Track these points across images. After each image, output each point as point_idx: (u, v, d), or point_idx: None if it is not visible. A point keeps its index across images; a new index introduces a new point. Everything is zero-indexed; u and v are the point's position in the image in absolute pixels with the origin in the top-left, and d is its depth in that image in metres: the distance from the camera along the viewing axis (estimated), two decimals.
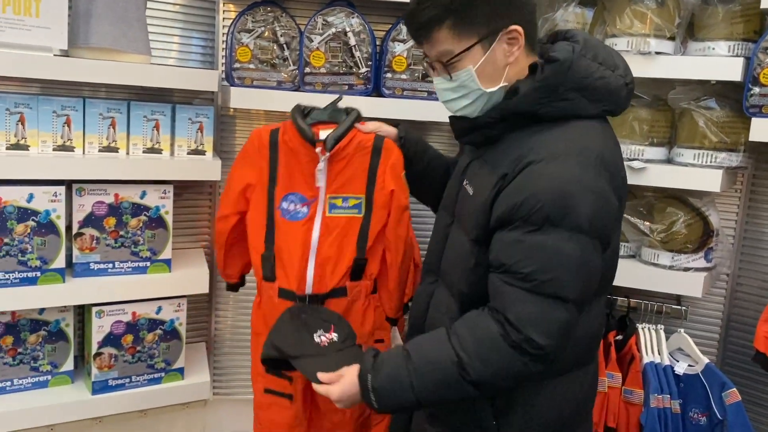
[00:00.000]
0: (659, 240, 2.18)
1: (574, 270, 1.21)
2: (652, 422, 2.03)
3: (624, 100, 1.37)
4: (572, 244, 1.20)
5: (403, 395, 1.28)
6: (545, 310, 1.21)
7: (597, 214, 1.22)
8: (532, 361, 1.22)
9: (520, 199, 1.22)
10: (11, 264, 1.98)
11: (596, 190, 1.22)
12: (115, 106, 2.13)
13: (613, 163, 1.28)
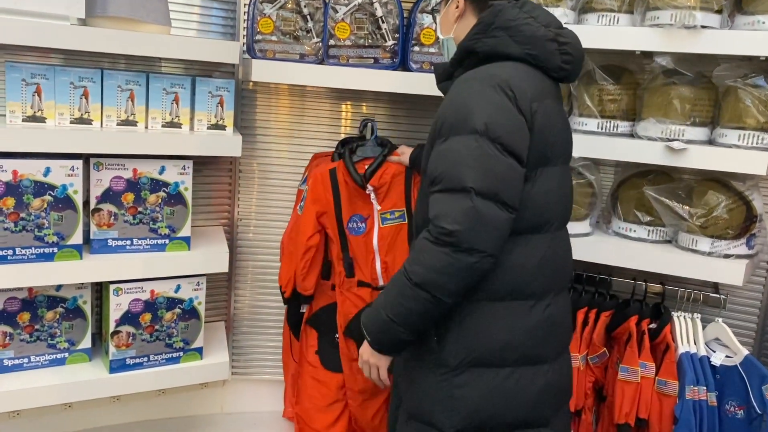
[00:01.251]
0: (698, 225, 2.08)
1: (471, 162, 1.38)
2: (687, 415, 1.95)
3: (552, 54, 1.51)
4: (469, 142, 1.39)
5: (378, 318, 1.49)
6: (451, 202, 1.38)
7: (493, 119, 1.39)
8: (453, 250, 1.37)
9: (437, 122, 1.47)
10: (28, 239, 1.94)
11: (493, 101, 1.41)
12: (134, 78, 2.06)
13: (522, 91, 1.43)
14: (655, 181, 2.21)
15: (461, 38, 1.57)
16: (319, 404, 2.28)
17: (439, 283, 1.40)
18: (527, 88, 1.45)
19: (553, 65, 1.52)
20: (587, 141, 2.15)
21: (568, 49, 1.53)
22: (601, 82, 2.18)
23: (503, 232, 1.40)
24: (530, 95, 1.45)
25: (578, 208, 2.19)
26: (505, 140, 1.39)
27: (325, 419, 2.27)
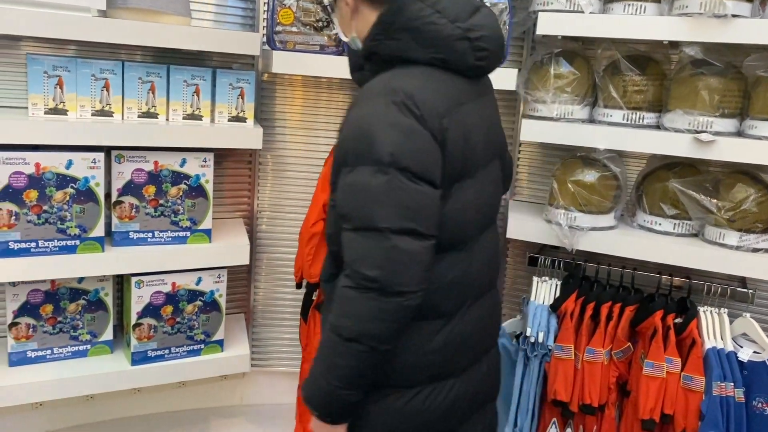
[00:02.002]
0: (726, 218, 2.04)
1: (382, 198, 1.25)
2: (713, 411, 1.92)
3: (463, 54, 1.34)
4: (377, 176, 1.24)
5: (320, 389, 1.32)
6: (367, 243, 1.26)
7: (399, 147, 1.24)
8: (380, 295, 1.25)
9: (341, 146, 1.32)
10: (51, 232, 1.94)
11: (398, 125, 1.26)
12: (155, 70, 2.05)
13: (430, 107, 1.28)
14: (682, 174, 2.17)
15: (364, 34, 1.40)
16: None
17: (373, 332, 1.27)
18: (436, 102, 1.29)
19: (466, 65, 1.36)
20: (612, 133, 2.12)
21: (482, 43, 1.35)
22: (626, 73, 2.14)
23: (427, 263, 1.29)
24: (440, 110, 1.29)
25: (603, 201, 2.16)
26: (415, 168, 1.25)
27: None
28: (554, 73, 2.19)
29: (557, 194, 2.19)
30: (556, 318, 2.13)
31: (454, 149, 1.32)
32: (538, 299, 2.18)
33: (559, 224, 2.16)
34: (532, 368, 2.13)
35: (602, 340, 2.07)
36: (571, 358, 2.06)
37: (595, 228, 2.16)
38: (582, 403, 2.06)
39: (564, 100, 2.18)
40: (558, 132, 2.17)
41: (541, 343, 2.09)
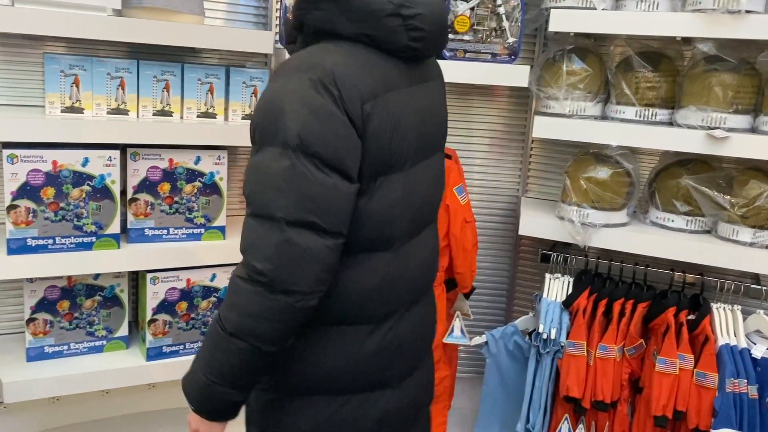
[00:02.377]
0: (739, 215, 2.04)
1: (281, 185, 1.13)
2: (726, 408, 1.91)
3: (394, 32, 1.20)
4: (281, 160, 1.12)
5: (198, 382, 1.23)
6: (261, 232, 1.14)
7: (309, 129, 1.12)
8: (268, 291, 1.14)
9: (251, 122, 1.20)
10: (67, 229, 1.96)
11: (311, 105, 1.12)
12: (170, 69, 2.07)
13: (350, 88, 1.14)
14: (695, 170, 2.16)
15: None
16: None
17: (257, 330, 1.16)
18: (360, 84, 1.16)
19: (398, 45, 1.22)
20: (624, 129, 2.12)
21: (418, 22, 1.21)
22: (639, 69, 2.14)
23: (327, 264, 1.16)
24: (364, 92, 1.16)
25: (615, 198, 2.16)
26: (325, 155, 1.13)
27: None
28: (566, 70, 2.19)
29: (570, 191, 2.19)
30: (569, 315, 2.13)
31: (379, 138, 1.19)
32: (550, 296, 2.19)
33: (571, 221, 2.17)
34: (544, 365, 2.13)
35: (615, 337, 2.07)
36: (584, 354, 2.06)
37: (607, 225, 2.16)
38: (594, 400, 2.06)
39: (576, 97, 2.18)
40: (570, 129, 2.17)
41: (554, 339, 2.10)
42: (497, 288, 2.68)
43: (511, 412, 2.27)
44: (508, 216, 2.63)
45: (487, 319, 2.66)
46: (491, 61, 2.23)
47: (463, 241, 2.17)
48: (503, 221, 2.64)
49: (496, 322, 2.63)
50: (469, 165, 2.56)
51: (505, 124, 2.58)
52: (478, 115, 2.57)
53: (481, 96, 2.55)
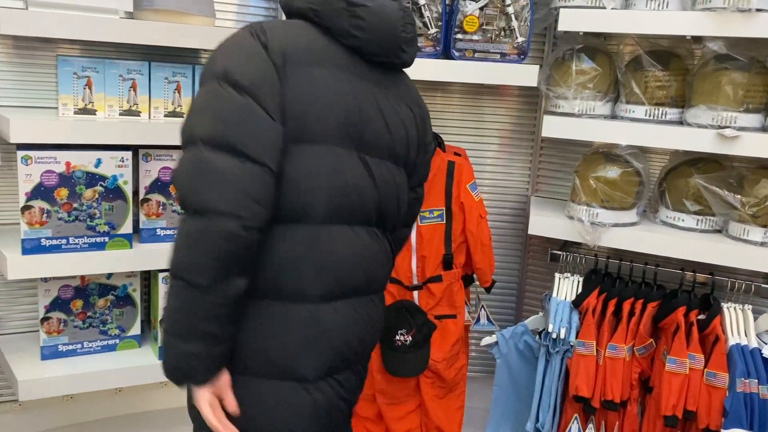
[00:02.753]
0: (750, 214, 2.03)
1: (202, 108, 1.19)
2: (737, 407, 1.91)
3: (338, 13, 1.27)
4: (208, 88, 1.19)
5: (164, 344, 1.22)
6: (183, 159, 1.18)
7: (235, 62, 1.19)
8: (186, 216, 1.15)
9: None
10: (80, 229, 1.99)
11: (242, 45, 1.22)
12: (181, 70, 2.09)
13: (280, 43, 1.22)
14: (705, 170, 2.16)
15: None
16: (365, 393, 2.29)
17: (183, 261, 1.15)
18: (286, 43, 1.22)
19: (340, 29, 1.27)
20: (634, 128, 2.11)
21: (362, 12, 1.26)
22: (648, 68, 2.13)
23: (245, 188, 1.13)
24: (287, 51, 1.22)
25: (625, 197, 2.16)
26: (242, 81, 1.17)
27: (371, 408, 2.28)
28: (576, 69, 2.19)
29: (579, 190, 2.19)
30: (578, 314, 2.13)
31: (294, 100, 1.21)
32: (560, 295, 2.19)
33: (581, 220, 2.17)
34: (553, 364, 2.13)
35: (624, 337, 2.07)
36: (593, 354, 2.06)
37: (617, 224, 2.16)
38: (604, 399, 2.06)
39: (586, 96, 2.18)
40: (580, 128, 2.17)
41: (563, 339, 2.10)
42: (507, 287, 2.68)
43: (521, 411, 2.27)
44: (517, 215, 2.63)
45: (497, 319, 2.66)
46: (500, 60, 2.24)
47: (481, 236, 2.19)
48: (513, 221, 2.64)
49: (507, 322, 2.64)
50: (479, 164, 2.56)
51: (514, 123, 2.59)
52: (487, 114, 2.57)
53: (491, 96, 2.55)
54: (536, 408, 2.17)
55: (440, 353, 2.21)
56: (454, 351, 2.23)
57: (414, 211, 1.56)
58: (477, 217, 2.17)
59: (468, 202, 2.17)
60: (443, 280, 2.20)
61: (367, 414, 2.29)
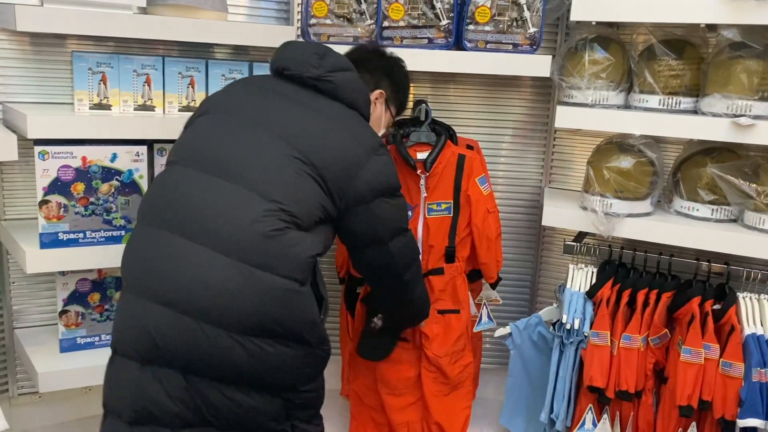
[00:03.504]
0: (766, 203, 2.01)
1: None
2: (753, 397, 1.90)
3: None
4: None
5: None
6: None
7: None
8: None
9: None
10: (97, 223, 2.01)
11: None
12: (194, 65, 2.10)
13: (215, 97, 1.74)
14: (720, 159, 2.14)
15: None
16: (370, 382, 2.31)
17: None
18: (221, 97, 1.74)
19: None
20: (648, 118, 2.10)
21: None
22: (662, 57, 2.12)
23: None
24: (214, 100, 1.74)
25: (639, 187, 2.15)
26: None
27: (375, 398, 2.29)
28: (589, 59, 2.18)
29: (593, 181, 2.18)
30: (592, 305, 2.13)
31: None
32: (574, 286, 2.19)
33: (594, 211, 2.16)
34: (568, 355, 2.14)
35: (639, 327, 2.06)
36: (607, 344, 2.06)
37: (631, 214, 2.15)
38: (618, 390, 2.06)
39: (599, 86, 2.17)
40: (593, 118, 2.16)
41: (577, 329, 2.10)
42: (521, 279, 2.68)
43: (535, 402, 2.28)
44: (532, 207, 2.62)
45: (512, 310, 2.67)
46: (513, 51, 2.23)
47: (487, 231, 2.18)
48: (527, 212, 2.63)
49: (521, 313, 2.64)
50: (492, 156, 2.56)
51: (528, 114, 2.58)
52: (501, 106, 2.56)
53: (504, 87, 2.54)
54: (550, 398, 2.18)
55: (443, 348, 2.20)
56: (458, 347, 2.22)
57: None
58: (484, 212, 2.17)
59: (475, 195, 2.16)
60: (445, 273, 2.21)
61: (372, 403, 2.30)
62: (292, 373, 1.52)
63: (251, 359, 1.45)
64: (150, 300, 1.46)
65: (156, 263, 1.47)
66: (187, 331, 1.42)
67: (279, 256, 1.45)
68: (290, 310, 1.47)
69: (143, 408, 1.46)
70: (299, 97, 1.65)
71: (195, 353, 1.43)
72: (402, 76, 1.98)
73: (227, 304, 1.42)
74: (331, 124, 1.61)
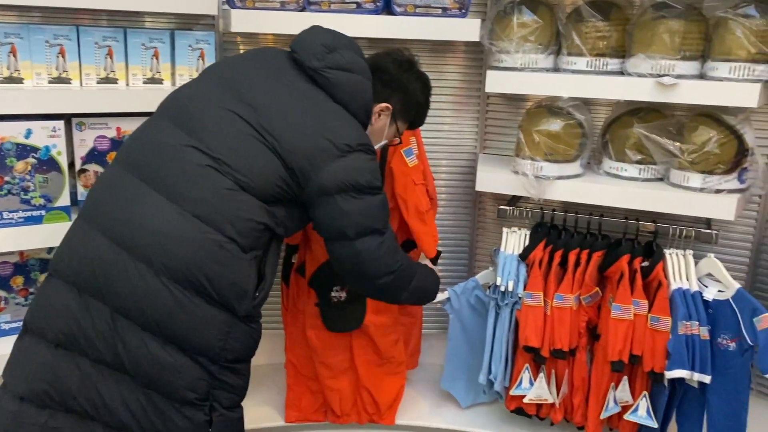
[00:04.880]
0: (690, 161, 2.07)
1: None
2: (679, 349, 1.97)
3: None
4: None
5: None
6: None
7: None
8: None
9: None
10: (14, 203, 1.92)
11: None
12: (111, 35, 2.01)
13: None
14: (646, 119, 2.18)
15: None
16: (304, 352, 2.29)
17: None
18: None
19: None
20: (576, 80, 2.12)
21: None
22: (589, 19, 2.13)
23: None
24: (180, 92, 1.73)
25: (568, 150, 2.17)
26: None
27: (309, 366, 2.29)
28: (517, 22, 2.17)
29: (523, 145, 2.20)
30: (526, 267, 2.16)
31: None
32: (507, 249, 2.21)
33: (525, 175, 2.18)
34: (503, 317, 2.17)
35: (571, 286, 2.10)
36: (541, 305, 2.10)
37: (561, 177, 2.18)
38: (553, 349, 2.10)
39: (528, 50, 2.17)
40: (522, 82, 2.17)
41: (512, 291, 2.13)
42: (459, 244, 2.70)
43: (475, 364, 2.31)
44: (468, 173, 2.63)
45: (451, 276, 2.69)
46: (442, 15, 2.21)
47: (415, 203, 2.13)
48: (464, 178, 2.64)
49: (459, 278, 2.65)
50: (428, 124, 2.51)
51: (461, 81, 2.56)
52: (434, 72, 2.52)
53: (437, 53, 2.52)
54: (488, 360, 2.21)
55: (372, 317, 2.20)
56: (388, 320, 2.22)
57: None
58: (409, 183, 2.13)
59: (398, 167, 2.12)
60: None
61: (308, 372, 2.30)
62: (216, 338, 1.52)
63: (177, 309, 1.48)
64: (98, 232, 1.53)
65: (114, 201, 1.56)
66: (124, 270, 1.48)
67: (224, 213, 1.51)
68: (222, 269, 1.50)
69: (70, 333, 1.51)
70: (292, 80, 1.66)
71: (125, 292, 1.48)
72: (417, 95, 1.89)
73: (166, 248, 1.48)
74: (307, 111, 1.62)
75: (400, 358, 2.29)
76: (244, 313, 1.54)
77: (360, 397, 2.28)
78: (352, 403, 2.30)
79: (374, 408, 2.29)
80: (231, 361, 1.56)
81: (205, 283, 1.49)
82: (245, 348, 1.59)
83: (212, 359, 1.53)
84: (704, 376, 1.98)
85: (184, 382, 1.51)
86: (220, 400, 1.56)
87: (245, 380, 1.63)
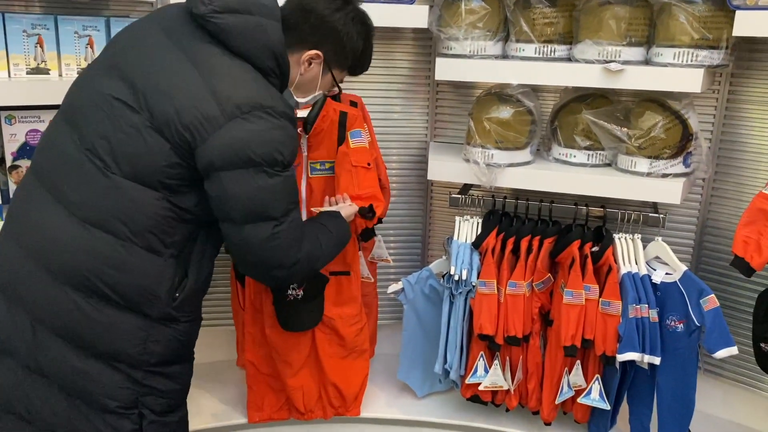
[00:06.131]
0: (636, 146, 2.09)
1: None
2: (629, 332, 2.00)
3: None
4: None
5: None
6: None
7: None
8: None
9: None
10: None
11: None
12: (41, 22, 1.90)
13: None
14: (594, 105, 2.19)
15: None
16: (264, 350, 2.24)
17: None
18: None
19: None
20: (524, 67, 2.11)
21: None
22: (536, 5, 2.12)
23: None
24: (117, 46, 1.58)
25: (518, 137, 2.17)
26: None
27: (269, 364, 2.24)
28: (465, 9, 2.15)
29: (474, 133, 2.18)
30: (479, 255, 2.15)
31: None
32: (460, 238, 2.20)
33: (476, 162, 2.17)
34: (458, 305, 2.16)
35: (523, 273, 2.11)
36: (494, 292, 2.10)
37: (512, 164, 2.18)
38: (507, 336, 2.11)
39: (476, 36, 2.15)
40: (471, 69, 2.15)
41: (465, 280, 2.12)
42: (412, 234, 2.68)
43: (431, 355, 2.30)
44: (419, 162, 2.60)
45: (404, 266, 2.67)
46: (389, 2, 2.17)
47: (346, 187, 2.04)
48: (415, 167, 2.62)
49: (413, 268, 2.63)
50: (379, 112, 2.50)
51: (411, 68, 2.53)
52: (384, 60, 2.50)
53: (386, 40, 2.48)
54: (443, 349, 2.21)
55: (335, 310, 2.16)
56: (352, 310, 2.19)
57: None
58: (348, 164, 2.04)
59: (343, 148, 2.06)
60: None
61: (268, 371, 2.25)
62: (130, 344, 1.45)
63: (80, 316, 1.42)
64: (13, 240, 1.49)
65: (23, 208, 1.51)
66: (34, 279, 1.44)
67: (113, 213, 1.42)
68: (121, 274, 1.41)
69: (6, 338, 1.47)
70: (187, 40, 1.43)
71: (39, 300, 1.44)
72: (352, 38, 1.64)
73: (62, 255, 1.42)
74: (191, 73, 1.40)
75: (364, 345, 2.26)
76: (160, 316, 1.46)
77: (325, 391, 2.24)
78: (317, 399, 2.26)
79: (340, 401, 2.27)
80: (156, 365, 1.48)
81: (105, 290, 1.41)
82: (170, 351, 1.51)
83: (132, 365, 1.45)
84: (654, 357, 2.02)
85: (103, 390, 1.44)
86: (150, 407, 1.49)
87: (182, 382, 1.56)
